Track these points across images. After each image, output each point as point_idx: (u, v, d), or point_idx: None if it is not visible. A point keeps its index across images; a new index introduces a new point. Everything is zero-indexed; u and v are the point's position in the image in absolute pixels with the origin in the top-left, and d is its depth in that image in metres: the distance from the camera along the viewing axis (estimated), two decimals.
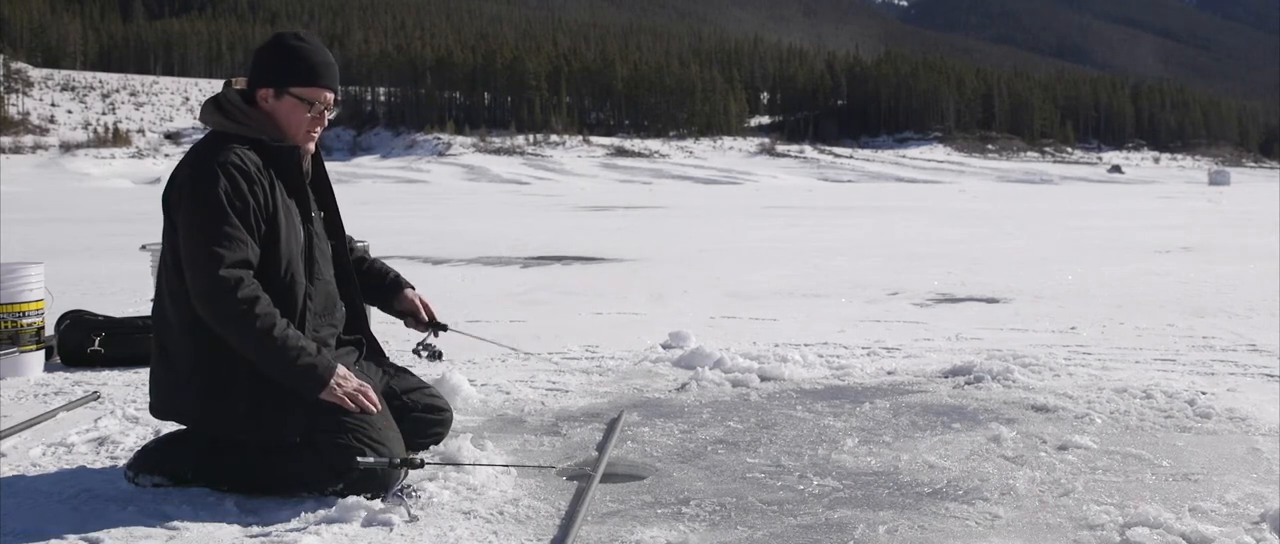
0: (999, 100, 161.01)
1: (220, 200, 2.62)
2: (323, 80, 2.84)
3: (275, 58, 2.82)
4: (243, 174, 2.67)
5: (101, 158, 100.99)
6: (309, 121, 2.84)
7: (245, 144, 2.74)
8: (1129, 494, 2.70)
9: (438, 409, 3.11)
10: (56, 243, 13.88)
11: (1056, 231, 16.87)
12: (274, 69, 2.81)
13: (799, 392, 4.02)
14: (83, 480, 2.83)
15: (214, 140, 2.76)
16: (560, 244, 13.38)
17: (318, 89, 2.83)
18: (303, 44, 2.84)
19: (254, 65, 2.84)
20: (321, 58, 2.84)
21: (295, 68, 2.81)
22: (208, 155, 2.70)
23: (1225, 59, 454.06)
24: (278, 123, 2.81)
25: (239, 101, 2.80)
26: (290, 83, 2.80)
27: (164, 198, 2.77)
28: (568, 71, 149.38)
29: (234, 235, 2.62)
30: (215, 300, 2.58)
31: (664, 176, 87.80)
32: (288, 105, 2.81)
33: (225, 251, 2.59)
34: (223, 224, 2.61)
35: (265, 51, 2.85)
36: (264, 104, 2.81)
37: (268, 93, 2.81)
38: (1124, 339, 5.39)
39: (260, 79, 2.82)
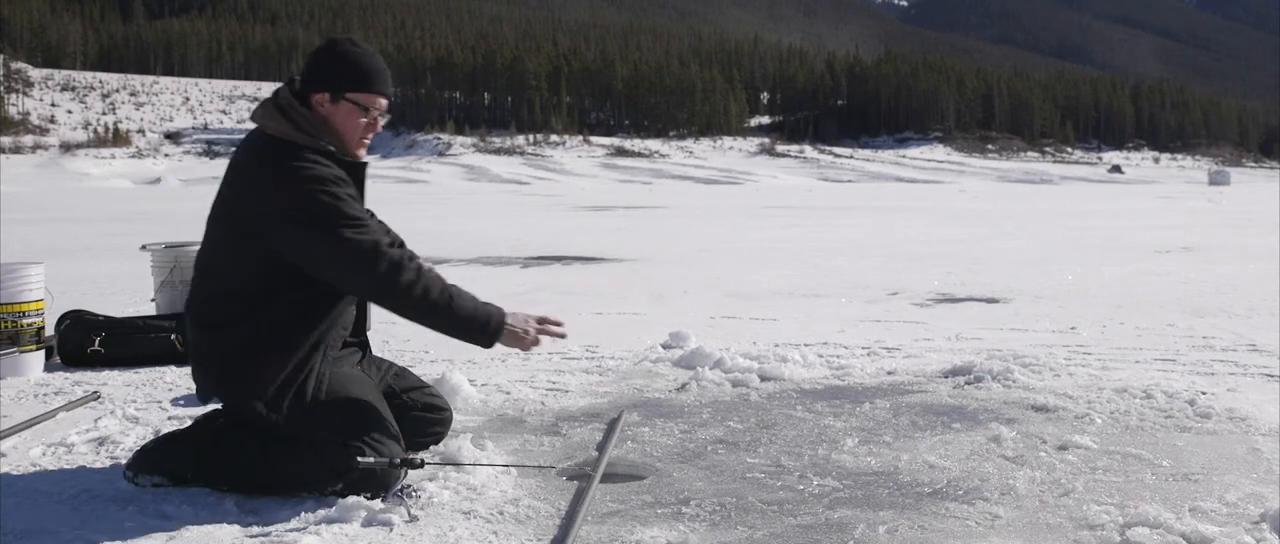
0: (999, 100, 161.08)
1: (340, 200, 2.68)
2: (377, 86, 2.85)
3: (331, 63, 2.82)
4: (341, 182, 2.73)
5: (101, 158, 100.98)
6: (363, 127, 2.85)
7: (317, 152, 2.75)
8: (1129, 494, 2.70)
9: (437, 408, 3.11)
10: (56, 243, 13.88)
11: (1056, 232, 16.87)
12: (330, 74, 2.81)
13: (799, 392, 4.02)
14: (83, 480, 2.83)
15: (290, 150, 2.73)
16: (560, 244, 13.38)
17: (372, 94, 2.84)
18: (357, 49, 2.85)
19: (309, 69, 2.84)
20: (376, 63, 2.86)
21: (351, 73, 2.81)
22: (294, 165, 2.69)
23: (1225, 59, 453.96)
24: (334, 128, 2.81)
25: (301, 108, 2.79)
26: (346, 88, 2.80)
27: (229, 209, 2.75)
28: (568, 71, 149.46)
29: (372, 224, 2.72)
30: (394, 280, 2.66)
31: (664, 176, 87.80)
32: (344, 110, 2.81)
33: (378, 237, 2.68)
34: (356, 215, 2.68)
35: (321, 56, 2.85)
36: (320, 108, 2.81)
37: (324, 97, 2.80)
38: (1124, 339, 5.39)
39: (316, 83, 2.81)
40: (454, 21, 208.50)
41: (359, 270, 2.66)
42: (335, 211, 2.65)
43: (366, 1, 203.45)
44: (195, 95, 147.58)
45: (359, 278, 2.68)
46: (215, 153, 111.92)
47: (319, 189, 2.66)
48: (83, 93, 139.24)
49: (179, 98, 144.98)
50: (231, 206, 2.76)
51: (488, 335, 2.75)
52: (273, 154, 2.74)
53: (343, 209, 2.66)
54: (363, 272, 2.66)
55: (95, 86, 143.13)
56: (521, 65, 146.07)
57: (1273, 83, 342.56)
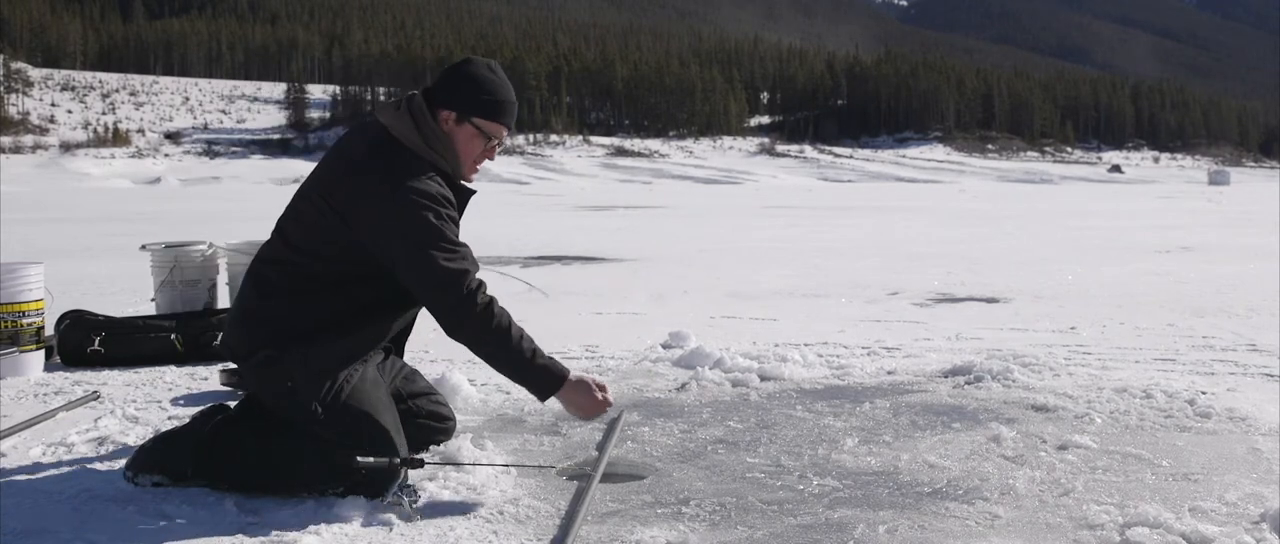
0: (999, 100, 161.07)
1: (444, 223, 2.69)
2: (504, 117, 2.86)
3: (467, 84, 2.81)
4: (449, 204, 2.75)
5: (101, 158, 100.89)
6: (480, 153, 2.86)
7: (436, 170, 2.76)
8: (1129, 494, 2.70)
9: (442, 418, 3.12)
10: (56, 243, 13.87)
11: (1056, 231, 16.87)
12: (464, 95, 2.80)
13: (799, 391, 4.02)
14: (83, 480, 2.83)
15: (406, 157, 2.74)
16: (560, 244, 13.38)
17: (498, 126, 2.85)
18: (495, 77, 2.84)
19: (443, 84, 2.83)
20: (508, 95, 2.86)
21: (484, 99, 2.81)
22: (413, 176, 2.69)
23: (1225, 59, 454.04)
24: (454, 148, 2.82)
25: (432, 121, 2.79)
26: (475, 113, 2.80)
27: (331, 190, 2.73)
28: (568, 71, 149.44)
29: (466, 252, 2.72)
30: (466, 313, 2.66)
31: (664, 176, 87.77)
32: (466, 133, 2.81)
33: (468, 266, 2.69)
34: (453, 242, 2.69)
35: (457, 75, 2.83)
36: (445, 125, 2.80)
37: (450, 115, 2.80)
38: (1124, 339, 5.39)
39: (447, 100, 2.80)
40: (454, 21, 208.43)
41: (442, 294, 2.67)
42: (436, 232, 2.66)
43: (366, 1, 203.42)
44: (195, 95, 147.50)
45: (439, 301, 2.68)
46: (215, 153, 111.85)
47: (427, 205, 2.67)
48: (83, 93, 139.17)
49: (179, 98, 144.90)
50: (333, 189, 2.74)
51: (547, 391, 2.76)
52: (391, 155, 2.74)
53: (444, 231, 2.67)
54: (444, 297, 2.67)
55: (95, 86, 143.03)
56: (521, 65, 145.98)
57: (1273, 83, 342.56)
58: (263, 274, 2.82)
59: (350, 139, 2.86)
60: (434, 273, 2.65)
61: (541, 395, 2.78)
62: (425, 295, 2.71)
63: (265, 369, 2.75)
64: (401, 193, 2.67)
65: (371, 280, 2.76)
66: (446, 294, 2.67)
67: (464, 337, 2.71)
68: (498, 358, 2.75)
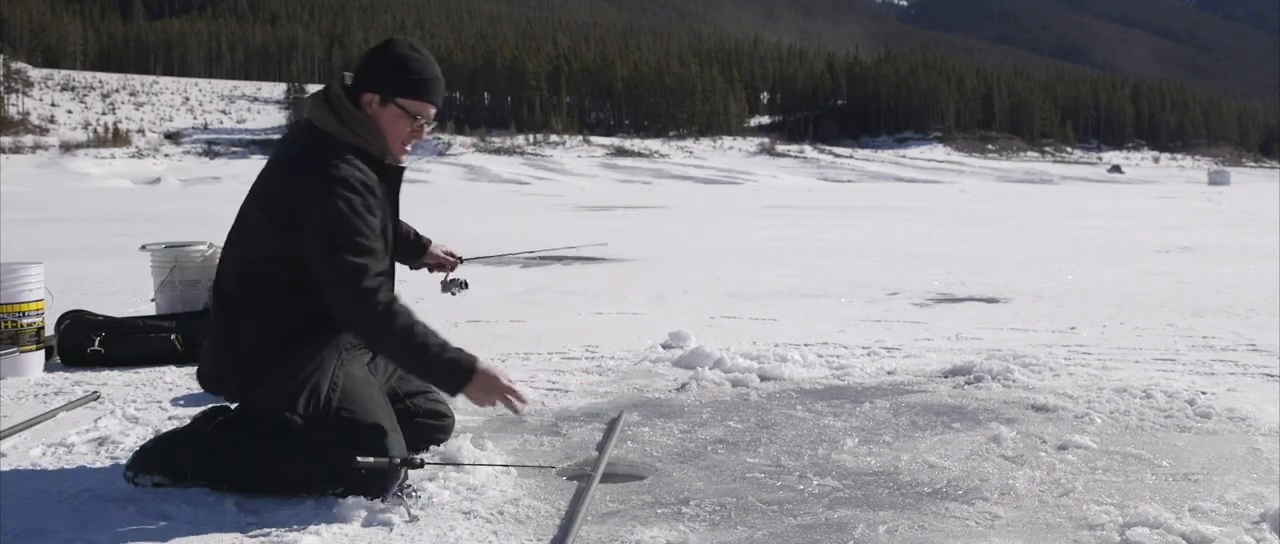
0: (999, 100, 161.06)
1: (356, 215, 2.65)
2: (429, 95, 2.83)
3: (387, 65, 2.80)
4: (369, 191, 2.71)
5: (101, 158, 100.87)
6: (408, 133, 2.84)
7: (358, 154, 2.74)
8: (1129, 494, 2.70)
9: (440, 415, 3.11)
10: (56, 243, 13.87)
11: (1056, 231, 16.87)
12: (384, 76, 2.79)
13: (799, 392, 4.02)
14: (83, 480, 2.83)
15: (329, 146, 2.73)
16: (560, 244, 13.37)
17: (423, 104, 2.82)
18: (416, 55, 2.82)
19: (364, 68, 2.82)
20: (432, 72, 2.83)
21: (406, 78, 2.79)
22: (332, 165, 2.68)
23: (1225, 59, 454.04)
24: (380, 130, 2.80)
25: (350, 105, 2.78)
26: (398, 92, 2.79)
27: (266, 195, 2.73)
28: (568, 71, 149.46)
29: (373, 247, 2.66)
30: (363, 311, 2.62)
31: (664, 176, 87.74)
32: (391, 114, 2.79)
33: (369, 262, 2.63)
34: (360, 236, 2.64)
35: (378, 57, 2.82)
36: (368, 108, 2.79)
37: (373, 98, 2.78)
38: (1124, 339, 5.39)
39: (368, 83, 2.79)
40: (454, 21, 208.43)
41: (339, 291, 2.63)
42: (343, 226, 2.63)
43: (366, 1, 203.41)
44: (195, 95, 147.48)
45: (336, 298, 2.65)
46: (215, 153, 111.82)
47: (340, 194, 2.64)
48: (83, 93, 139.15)
49: (179, 98, 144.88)
50: (261, 192, 2.75)
51: (454, 383, 2.70)
52: (311, 146, 2.74)
53: (352, 223, 2.64)
54: (341, 293, 2.63)
55: (95, 86, 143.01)
56: (521, 65, 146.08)
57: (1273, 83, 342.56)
58: (225, 292, 2.80)
59: (281, 140, 2.87)
60: (333, 269, 2.62)
61: (450, 391, 2.74)
62: (325, 292, 2.67)
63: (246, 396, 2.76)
64: (314, 183, 2.66)
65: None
66: (344, 289, 2.62)
67: (360, 335, 2.69)
68: (398, 356, 2.72)
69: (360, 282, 2.61)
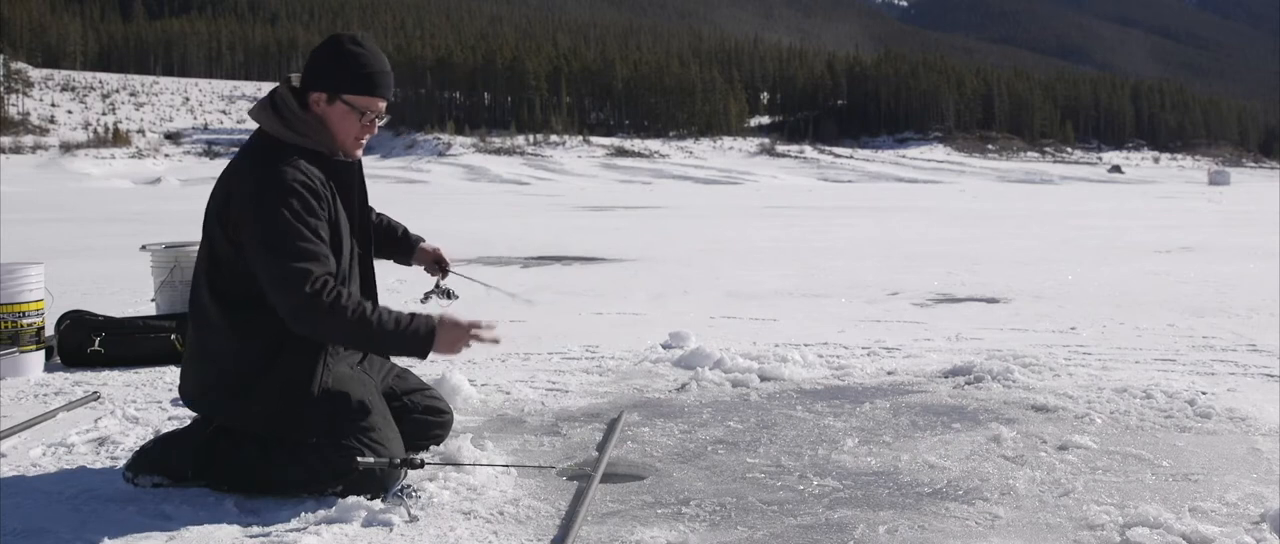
0: (999, 100, 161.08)
1: (295, 217, 2.62)
2: (377, 90, 2.80)
3: (331, 62, 2.78)
4: (311, 192, 2.67)
5: (101, 158, 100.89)
6: (359, 129, 2.81)
7: (303, 155, 2.72)
8: (1129, 494, 2.70)
9: (438, 412, 3.11)
10: (56, 243, 13.87)
11: (1057, 231, 16.87)
12: (329, 74, 2.77)
13: (799, 392, 4.02)
14: (83, 480, 2.83)
15: (272, 150, 2.72)
16: (560, 244, 13.38)
17: (371, 99, 2.80)
18: (360, 50, 2.79)
19: (309, 67, 2.80)
20: (377, 66, 2.80)
21: (350, 74, 2.77)
22: (272, 170, 2.66)
23: (1224, 59, 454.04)
24: (329, 128, 2.78)
25: (295, 106, 2.76)
26: (344, 89, 2.76)
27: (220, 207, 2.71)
28: (568, 71, 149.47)
29: (315, 249, 2.63)
30: (308, 313, 2.60)
31: (664, 177, 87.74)
32: (339, 111, 2.78)
33: (311, 266, 2.61)
34: (302, 240, 2.61)
35: (321, 54, 2.80)
36: (316, 108, 2.78)
37: (320, 97, 2.77)
38: (1124, 339, 5.39)
39: (314, 82, 2.78)
40: (454, 21, 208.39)
41: (284, 295, 2.61)
42: (284, 229, 2.60)
43: (366, 1, 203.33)
44: (195, 95, 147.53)
45: (282, 302, 2.63)
46: (215, 153, 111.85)
47: (281, 198, 2.62)
48: (83, 93, 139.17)
49: (179, 98, 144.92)
50: (220, 204, 2.74)
51: (419, 348, 2.68)
52: (258, 153, 2.73)
53: (294, 226, 2.61)
54: (286, 297, 2.61)
55: (95, 86, 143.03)
56: (521, 65, 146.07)
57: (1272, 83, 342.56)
58: (200, 306, 2.78)
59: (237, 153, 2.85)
60: (276, 272, 2.60)
61: (420, 355, 2.72)
62: (271, 295, 2.64)
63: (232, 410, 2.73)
64: (257, 189, 2.64)
65: None
66: (288, 295, 2.60)
67: (311, 334, 2.66)
68: (359, 344, 2.74)
69: (302, 286, 2.58)
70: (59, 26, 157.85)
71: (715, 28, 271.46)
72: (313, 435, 2.67)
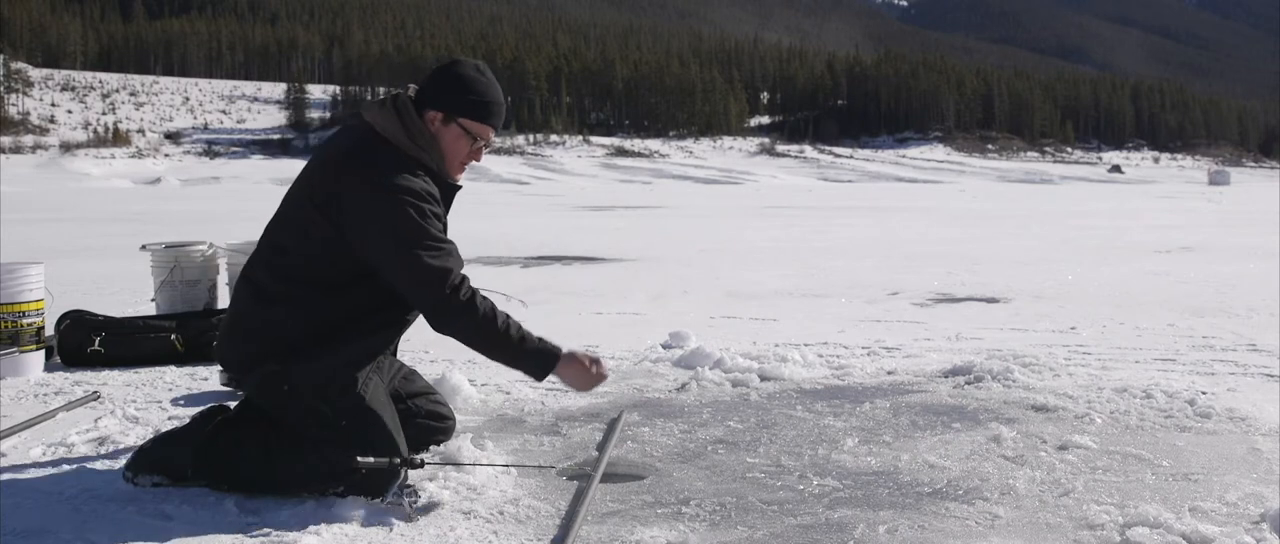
0: (999, 100, 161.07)
1: (429, 223, 2.68)
2: (492, 119, 2.86)
3: (454, 84, 2.81)
4: (434, 200, 2.74)
5: (101, 158, 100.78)
6: (467, 154, 2.86)
7: (419, 167, 2.75)
8: (1129, 494, 2.70)
9: (441, 417, 3.12)
10: (56, 243, 13.87)
11: (1056, 231, 16.87)
12: (450, 95, 2.80)
13: (799, 392, 4.02)
14: (83, 480, 2.83)
15: (393, 154, 2.73)
16: (560, 244, 13.38)
17: (485, 127, 2.84)
18: (482, 78, 2.84)
19: (431, 85, 2.82)
20: (496, 96, 2.86)
21: (471, 101, 2.81)
22: (401, 174, 2.68)
23: (1224, 59, 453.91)
24: (441, 147, 2.81)
25: (417, 118, 2.78)
26: (462, 113, 2.80)
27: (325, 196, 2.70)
28: (568, 71, 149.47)
29: (452, 250, 2.71)
30: (453, 311, 2.66)
31: (664, 176, 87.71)
32: (453, 133, 2.81)
33: (453, 265, 2.67)
34: (439, 243, 2.68)
35: (446, 75, 2.83)
36: (432, 125, 2.80)
37: (437, 116, 2.80)
38: (1124, 339, 5.39)
39: (434, 101, 2.80)
40: (454, 21, 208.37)
41: (426, 292, 2.67)
42: (419, 228, 2.65)
43: (366, 1, 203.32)
44: (195, 95, 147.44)
45: (424, 299, 2.69)
46: (215, 153, 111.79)
47: (411, 201, 2.66)
48: (83, 93, 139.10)
49: (179, 98, 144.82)
50: (318, 188, 2.73)
51: (543, 372, 2.79)
52: (377, 152, 2.73)
53: (428, 228, 2.67)
54: (429, 295, 2.67)
55: (95, 86, 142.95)
56: (521, 65, 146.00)
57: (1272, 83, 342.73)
58: (257, 280, 2.79)
59: (337, 138, 2.86)
60: (417, 271, 2.65)
61: (538, 377, 2.84)
62: (410, 293, 2.71)
63: (266, 383, 2.73)
64: (386, 189, 2.66)
65: (367, 281, 2.74)
66: (430, 292, 2.66)
67: (452, 332, 2.72)
68: (488, 350, 2.77)
69: (445, 281, 2.65)
70: (59, 26, 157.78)
71: (715, 28, 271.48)
72: (335, 424, 2.67)
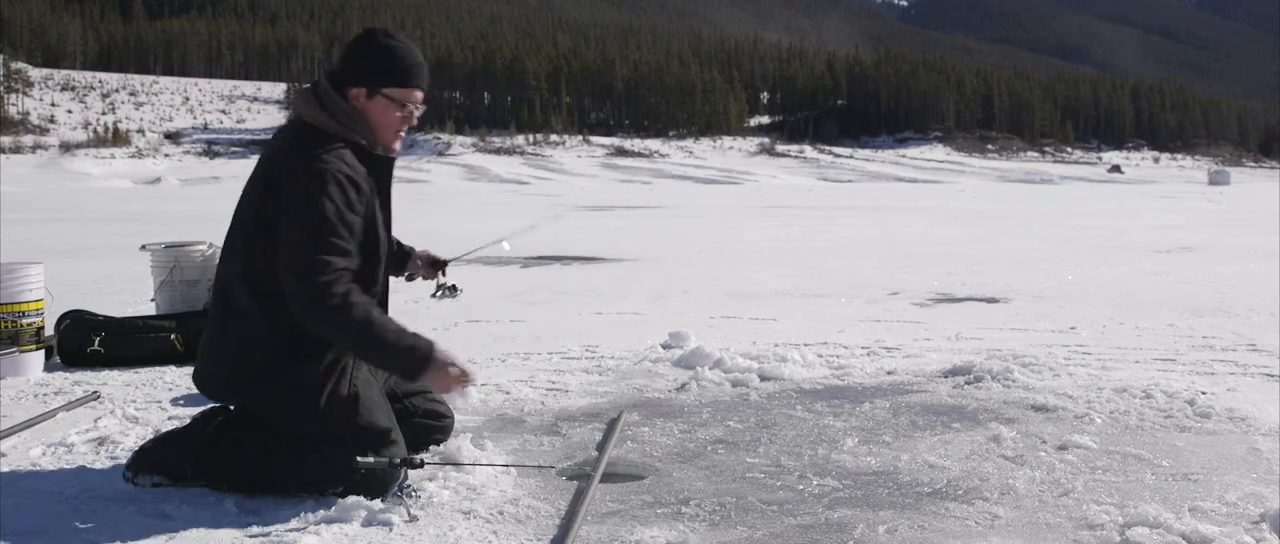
0: (999, 100, 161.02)
1: (331, 207, 2.64)
2: (414, 81, 2.84)
3: (368, 57, 2.80)
4: (353, 185, 2.70)
5: (101, 158, 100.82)
6: (398, 121, 2.84)
7: (345, 146, 2.74)
8: (1129, 494, 2.70)
9: (439, 415, 3.11)
10: (56, 243, 13.87)
11: (1056, 231, 16.86)
12: (367, 69, 2.80)
13: (799, 392, 4.02)
14: (83, 480, 2.83)
15: (316, 140, 2.73)
16: (560, 244, 13.38)
17: (409, 90, 2.83)
18: (396, 43, 2.82)
19: (345, 62, 2.82)
20: (413, 58, 2.84)
21: (388, 68, 2.80)
22: (315, 160, 2.67)
23: (1224, 59, 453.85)
24: (370, 122, 2.80)
25: (339, 99, 2.78)
26: (383, 83, 2.79)
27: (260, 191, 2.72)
28: (568, 71, 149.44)
29: (342, 244, 2.65)
30: (318, 303, 2.61)
31: (664, 176, 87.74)
32: (380, 105, 2.80)
33: (333, 258, 2.62)
34: (333, 232, 2.63)
35: (358, 50, 2.82)
36: (356, 102, 2.79)
37: (360, 92, 2.79)
38: (1124, 339, 5.39)
39: (353, 78, 2.80)
40: (454, 21, 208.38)
41: (296, 280, 2.62)
42: (323, 218, 2.62)
43: (366, 1, 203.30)
44: (195, 95, 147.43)
45: (293, 286, 2.63)
46: (215, 153, 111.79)
47: (326, 189, 2.64)
48: (83, 93, 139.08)
49: (179, 98, 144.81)
50: (263, 189, 2.74)
51: (413, 369, 2.69)
52: (302, 141, 2.74)
53: (330, 218, 2.62)
54: (298, 282, 2.62)
55: (95, 86, 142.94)
56: (521, 65, 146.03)
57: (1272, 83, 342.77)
58: (230, 299, 2.77)
59: (272, 138, 2.87)
60: (298, 258, 2.62)
61: (408, 378, 2.77)
62: (286, 280, 2.65)
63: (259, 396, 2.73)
64: (302, 175, 2.66)
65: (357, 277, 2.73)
66: (303, 282, 2.61)
67: (314, 326, 2.66)
68: (355, 348, 2.71)
69: (318, 275, 2.60)
70: (59, 26, 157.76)
71: (715, 28, 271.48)
72: (326, 431, 2.67)
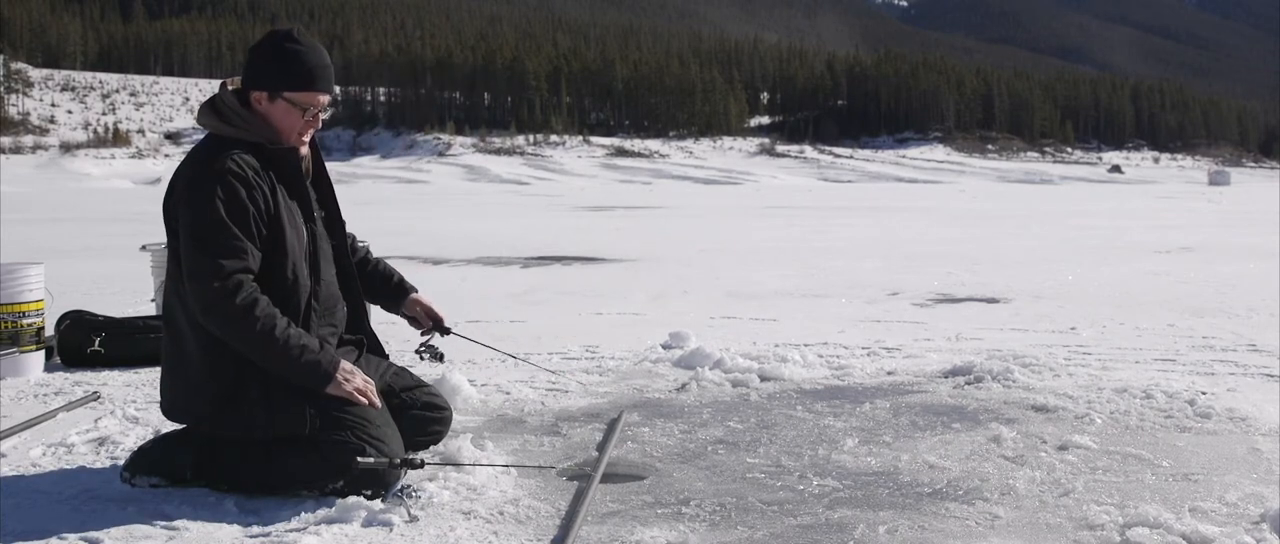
0: (999, 100, 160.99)
1: (218, 209, 2.63)
2: (317, 84, 2.81)
3: (269, 61, 2.80)
4: (241, 180, 2.67)
5: (101, 158, 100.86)
6: (303, 124, 2.83)
7: (243, 147, 2.74)
8: (1129, 494, 2.70)
9: (437, 408, 3.11)
10: (56, 243, 13.87)
11: (1056, 231, 16.86)
12: (268, 73, 2.79)
13: (799, 392, 4.02)
14: (83, 480, 2.83)
15: (211, 145, 2.76)
16: (560, 244, 13.38)
17: (311, 93, 2.81)
18: (297, 46, 2.80)
19: (248, 66, 2.82)
20: (316, 60, 2.81)
21: (289, 72, 2.78)
22: (205, 162, 2.70)
23: (1224, 59, 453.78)
24: (272, 125, 2.80)
25: (235, 104, 2.79)
26: (284, 87, 2.78)
27: (165, 204, 2.78)
28: (568, 71, 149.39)
29: (233, 244, 2.63)
30: (216, 309, 2.61)
31: (664, 177, 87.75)
32: (281, 109, 2.79)
33: (225, 261, 2.61)
34: (221, 233, 2.63)
35: (259, 54, 2.82)
36: (258, 106, 2.80)
37: (262, 95, 2.79)
38: (1124, 339, 5.39)
39: (254, 82, 2.80)
40: (454, 21, 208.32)
41: (195, 285, 2.62)
42: (209, 220, 2.62)
43: (366, 1, 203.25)
44: (195, 95, 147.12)
45: (193, 291, 2.63)
46: None
47: (211, 189, 2.64)
48: (83, 93, 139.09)
49: (179, 98, 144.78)
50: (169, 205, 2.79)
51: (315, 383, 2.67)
52: (197, 149, 2.78)
53: (218, 219, 2.62)
54: (197, 288, 2.62)
55: (95, 86, 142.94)
56: (521, 65, 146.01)
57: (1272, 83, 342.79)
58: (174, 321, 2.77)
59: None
60: (192, 265, 2.63)
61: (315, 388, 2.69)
62: (186, 287, 2.66)
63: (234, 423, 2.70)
64: (190, 180, 2.68)
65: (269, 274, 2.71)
66: (199, 288, 2.61)
67: (217, 332, 2.64)
68: (258, 357, 2.66)
69: (211, 280, 2.59)
70: (59, 26, 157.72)
71: (715, 28, 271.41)
72: (313, 428, 2.67)
